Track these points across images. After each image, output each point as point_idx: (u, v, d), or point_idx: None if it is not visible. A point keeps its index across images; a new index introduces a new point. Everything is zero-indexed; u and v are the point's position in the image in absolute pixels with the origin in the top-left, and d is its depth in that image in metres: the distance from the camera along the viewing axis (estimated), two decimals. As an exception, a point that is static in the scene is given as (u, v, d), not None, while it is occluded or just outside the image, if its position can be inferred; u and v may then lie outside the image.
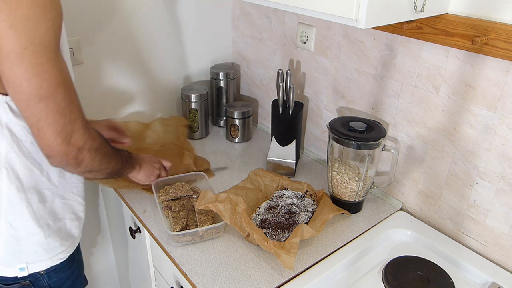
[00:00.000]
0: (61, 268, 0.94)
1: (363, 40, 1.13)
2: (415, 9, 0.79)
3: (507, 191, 0.93)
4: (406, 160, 1.12)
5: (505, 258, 0.96)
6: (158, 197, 1.12)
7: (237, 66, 1.66)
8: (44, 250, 0.89)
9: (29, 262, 0.88)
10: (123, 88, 1.40)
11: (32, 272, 0.89)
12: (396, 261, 0.97)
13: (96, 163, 0.81)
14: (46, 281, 0.92)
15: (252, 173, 1.24)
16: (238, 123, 1.47)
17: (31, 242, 0.87)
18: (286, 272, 0.93)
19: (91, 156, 0.79)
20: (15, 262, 0.87)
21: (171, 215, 1.05)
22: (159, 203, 1.10)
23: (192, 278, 0.91)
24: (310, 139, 1.43)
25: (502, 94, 0.88)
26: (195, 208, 1.07)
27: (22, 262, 0.88)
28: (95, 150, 0.79)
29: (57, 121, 0.71)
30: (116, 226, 1.44)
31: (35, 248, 0.88)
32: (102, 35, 1.29)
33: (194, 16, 1.48)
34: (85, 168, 0.80)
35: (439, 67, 0.98)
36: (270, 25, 1.43)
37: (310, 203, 1.12)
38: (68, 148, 0.74)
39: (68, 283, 0.97)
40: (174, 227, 1.01)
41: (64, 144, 0.73)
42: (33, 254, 0.88)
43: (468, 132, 0.96)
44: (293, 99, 1.22)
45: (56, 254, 0.91)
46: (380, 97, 1.14)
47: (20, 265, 0.88)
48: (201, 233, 1.00)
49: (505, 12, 0.82)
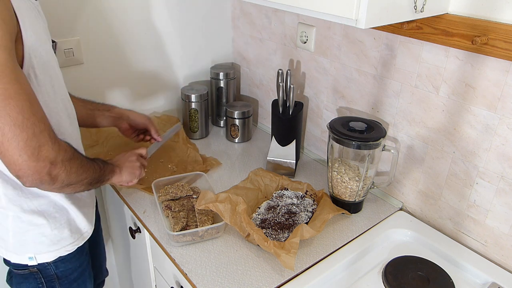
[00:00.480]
0: (69, 259, 0.96)
1: (363, 40, 1.13)
2: (415, 9, 0.79)
3: (507, 191, 0.93)
4: (406, 160, 1.12)
5: (505, 258, 0.96)
6: (158, 197, 1.12)
7: (237, 66, 1.66)
8: (51, 241, 0.92)
9: (37, 253, 0.92)
10: (123, 88, 1.40)
11: (40, 262, 0.93)
12: (396, 261, 0.97)
13: (73, 174, 0.77)
14: (53, 270, 0.95)
15: (252, 173, 1.24)
16: (238, 123, 1.47)
17: (38, 233, 0.90)
18: (286, 272, 0.93)
19: (66, 169, 0.75)
20: (24, 251, 0.91)
21: (171, 215, 1.05)
22: (159, 203, 1.10)
23: (192, 278, 0.91)
24: (310, 139, 1.43)
25: (502, 94, 0.88)
26: (195, 208, 1.07)
27: (30, 252, 0.91)
28: (69, 161, 0.75)
29: (17, 135, 0.66)
30: (116, 226, 1.44)
31: (42, 239, 0.91)
32: (102, 35, 1.29)
33: (194, 16, 1.48)
34: (62, 183, 0.76)
35: (439, 67, 0.98)
36: (270, 25, 1.43)
37: (310, 203, 1.12)
38: (38, 164, 0.69)
39: (76, 274, 1.00)
40: (174, 227, 1.01)
41: (32, 160, 0.68)
42: (40, 245, 0.91)
43: (468, 132, 0.96)
44: (293, 99, 1.22)
45: (64, 246, 0.94)
46: (380, 97, 1.14)
47: (29, 254, 0.91)
48: (201, 233, 1.00)
49: (505, 12, 0.82)
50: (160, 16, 1.39)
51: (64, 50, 1.23)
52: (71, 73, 1.26)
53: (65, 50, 1.23)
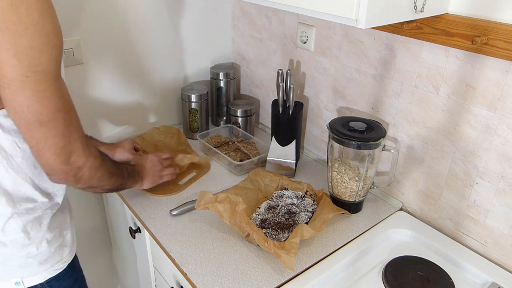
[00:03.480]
0: (62, 276, 0.91)
1: (363, 40, 1.13)
2: (415, 9, 0.79)
3: (507, 191, 0.93)
4: (406, 160, 1.12)
5: (505, 258, 0.96)
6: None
7: (237, 66, 1.66)
8: (38, 262, 0.86)
9: (24, 277, 0.86)
10: (123, 88, 1.40)
11: (28, 286, 0.87)
12: (396, 261, 0.97)
13: (95, 179, 0.83)
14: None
15: (252, 173, 1.24)
16: (240, 122, 1.47)
17: (23, 255, 0.84)
18: (286, 272, 0.93)
19: (90, 174, 0.80)
20: (9, 277, 0.85)
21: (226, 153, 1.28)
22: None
23: (192, 278, 0.91)
24: (310, 139, 1.43)
25: (502, 94, 0.88)
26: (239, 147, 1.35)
27: (17, 276, 0.85)
28: (96, 168, 0.81)
29: (57, 143, 0.72)
30: (116, 226, 1.44)
31: (29, 261, 0.85)
32: (102, 35, 1.29)
33: (194, 16, 1.48)
34: (84, 185, 0.82)
35: (439, 67, 0.98)
36: (270, 25, 1.43)
37: (310, 203, 1.12)
38: (67, 167, 0.75)
39: None
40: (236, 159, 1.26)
41: (64, 164, 0.74)
42: (27, 267, 0.85)
43: (468, 132, 0.96)
44: (293, 99, 1.22)
45: (53, 265, 0.89)
46: (380, 97, 1.14)
47: (15, 279, 0.85)
48: (256, 161, 1.30)
49: (505, 12, 0.82)
50: (160, 16, 1.39)
51: (64, 50, 1.23)
52: (71, 73, 1.26)
53: (65, 50, 1.23)
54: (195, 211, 1.11)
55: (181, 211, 1.10)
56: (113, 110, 1.40)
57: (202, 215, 1.10)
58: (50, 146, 0.71)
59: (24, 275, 0.86)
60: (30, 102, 0.67)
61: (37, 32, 0.64)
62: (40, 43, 0.65)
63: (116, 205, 1.33)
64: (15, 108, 0.68)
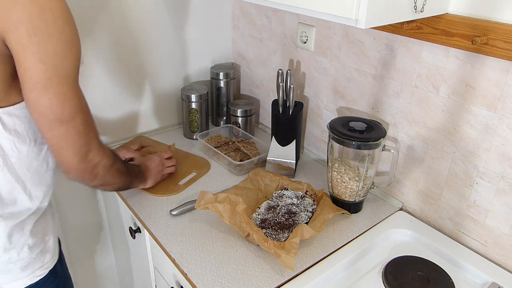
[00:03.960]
0: (42, 283, 0.90)
1: (363, 40, 1.13)
2: (415, 9, 0.79)
3: (507, 191, 0.93)
4: (406, 160, 1.12)
5: (505, 258, 0.96)
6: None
7: (237, 66, 1.66)
8: (19, 268, 0.86)
9: (4, 282, 0.85)
10: (123, 88, 1.40)
11: None
12: (396, 261, 0.97)
13: (109, 177, 0.89)
14: None
15: (252, 173, 1.24)
16: (240, 122, 1.47)
17: (4, 261, 0.84)
18: (286, 272, 0.93)
19: (104, 172, 0.86)
20: None
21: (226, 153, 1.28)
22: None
23: (192, 278, 0.91)
24: (310, 139, 1.43)
25: (502, 94, 0.88)
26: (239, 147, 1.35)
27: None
28: (109, 166, 0.86)
29: (76, 142, 0.77)
30: (116, 226, 1.44)
31: (9, 267, 0.85)
32: (102, 35, 1.29)
33: (194, 16, 1.48)
34: (98, 182, 0.87)
35: (439, 67, 0.98)
36: (270, 25, 1.43)
37: (310, 203, 1.12)
38: (84, 165, 0.80)
39: None
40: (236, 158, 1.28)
41: (81, 161, 0.79)
42: (8, 273, 0.85)
43: (468, 132, 0.96)
44: (293, 99, 1.22)
45: (33, 271, 0.88)
46: (380, 97, 1.14)
47: None
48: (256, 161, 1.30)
49: (505, 12, 0.82)
50: (160, 16, 1.39)
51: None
52: (71, 73, 1.26)
53: (65, 50, 1.23)
54: (195, 211, 1.11)
55: (181, 211, 1.10)
56: (113, 110, 1.40)
57: (202, 215, 1.10)
58: (69, 144, 0.76)
59: (4, 281, 0.86)
60: (53, 103, 0.72)
61: (61, 39, 0.70)
62: (63, 48, 0.70)
63: (116, 205, 1.33)
64: (39, 109, 0.72)
